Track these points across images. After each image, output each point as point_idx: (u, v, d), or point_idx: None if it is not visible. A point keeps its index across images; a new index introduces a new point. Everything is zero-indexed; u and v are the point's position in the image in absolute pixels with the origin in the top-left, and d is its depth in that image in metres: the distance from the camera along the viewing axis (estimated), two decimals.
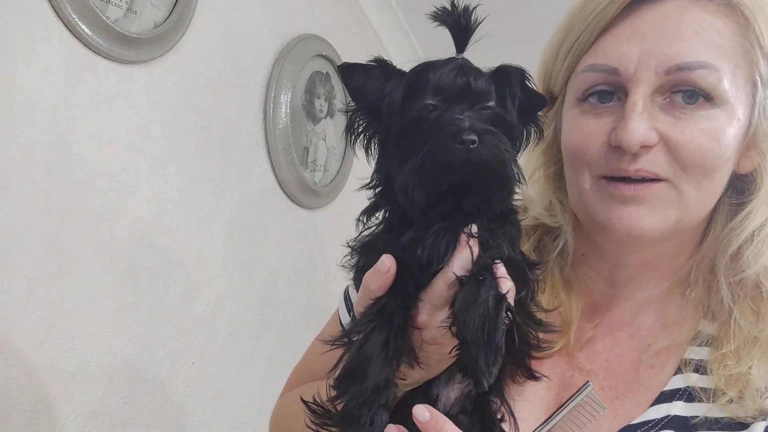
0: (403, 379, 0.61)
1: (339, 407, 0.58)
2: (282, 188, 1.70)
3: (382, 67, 0.63)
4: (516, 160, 0.61)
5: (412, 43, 2.25)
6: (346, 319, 0.83)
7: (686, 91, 0.65)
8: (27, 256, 1.09)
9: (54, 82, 1.13)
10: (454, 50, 0.63)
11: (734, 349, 0.65)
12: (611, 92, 0.68)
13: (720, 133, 0.65)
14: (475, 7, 0.61)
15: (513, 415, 0.65)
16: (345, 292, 0.86)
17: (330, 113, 1.87)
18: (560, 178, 0.76)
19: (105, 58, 1.22)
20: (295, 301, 1.75)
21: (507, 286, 0.57)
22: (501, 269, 0.58)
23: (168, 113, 1.37)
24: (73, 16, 1.14)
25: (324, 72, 1.84)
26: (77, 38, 1.16)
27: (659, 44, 0.65)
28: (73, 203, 1.17)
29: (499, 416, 0.64)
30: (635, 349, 0.72)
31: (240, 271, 1.57)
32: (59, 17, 1.13)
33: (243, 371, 1.58)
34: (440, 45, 0.66)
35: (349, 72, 0.63)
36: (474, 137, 0.56)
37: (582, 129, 0.69)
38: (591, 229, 0.73)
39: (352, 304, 0.81)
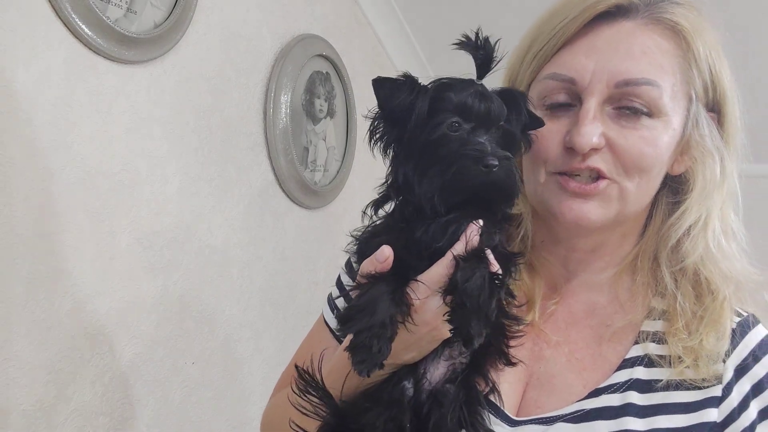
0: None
1: (349, 337, 0.66)
2: (282, 188, 1.70)
3: (409, 82, 0.72)
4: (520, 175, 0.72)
5: (411, 43, 2.25)
6: (332, 321, 0.90)
7: (630, 106, 0.75)
8: (27, 256, 1.09)
9: (54, 82, 1.13)
10: (461, 61, 0.72)
11: (684, 325, 0.75)
12: (567, 102, 0.78)
13: (657, 140, 0.76)
14: (498, 41, 0.71)
15: (497, 389, 0.74)
16: (329, 297, 0.92)
17: (330, 113, 1.87)
18: (520, 171, 0.85)
19: (105, 58, 1.22)
20: (295, 301, 1.75)
21: (496, 267, 0.68)
22: (490, 255, 0.68)
23: (168, 113, 1.37)
24: (73, 16, 1.14)
25: (324, 72, 1.84)
26: (77, 38, 1.16)
27: (612, 61, 0.75)
28: (73, 203, 1.17)
29: (482, 387, 0.74)
30: (594, 326, 0.82)
31: (240, 271, 1.57)
32: (59, 17, 1.13)
33: (243, 371, 1.58)
34: (440, 45, 0.73)
35: (380, 84, 0.72)
36: (495, 162, 0.67)
37: (541, 130, 0.77)
38: (545, 216, 0.82)
39: (336, 307, 0.90)
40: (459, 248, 0.67)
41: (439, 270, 0.67)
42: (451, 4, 2.07)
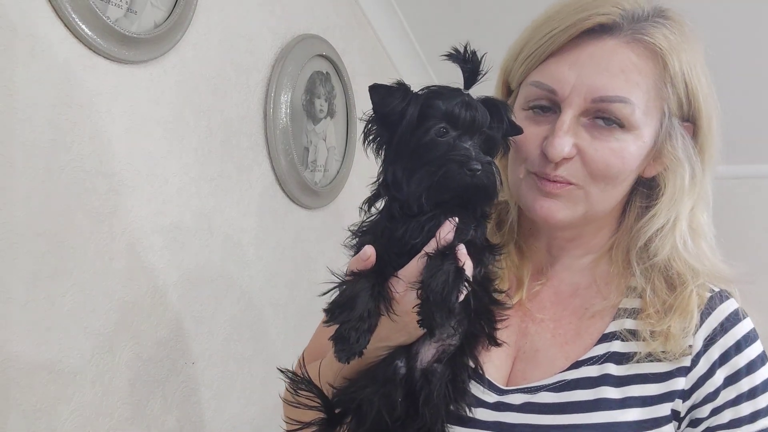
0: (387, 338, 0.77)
1: (332, 330, 0.73)
2: (282, 188, 1.70)
3: (402, 89, 0.79)
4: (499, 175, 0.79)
5: (411, 43, 2.25)
6: None
7: (604, 118, 0.83)
8: (27, 256, 1.09)
9: (54, 82, 1.13)
10: (455, 65, 0.79)
11: (654, 312, 0.83)
12: (549, 107, 0.86)
13: (624, 152, 0.83)
14: (484, 55, 0.78)
15: (481, 368, 0.83)
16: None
17: (330, 113, 1.87)
18: (504, 168, 0.92)
19: (105, 58, 1.22)
20: (295, 301, 1.75)
21: (463, 262, 0.74)
22: (462, 249, 0.75)
23: (168, 113, 1.37)
24: (73, 16, 1.14)
25: (324, 72, 1.84)
26: (77, 38, 1.16)
27: (591, 76, 0.82)
28: (73, 203, 1.17)
29: (471, 364, 0.81)
30: (577, 305, 0.90)
31: (240, 271, 1.57)
32: (59, 17, 1.13)
33: (243, 371, 1.58)
34: (440, 45, 0.79)
35: (375, 90, 0.79)
36: (479, 167, 0.74)
37: (524, 132, 0.85)
38: (523, 208, 0.90)
39: None
40: (432, 245, 0.74)
41: (414, 266, 0.75)
42: (451, 4, 2.07)
